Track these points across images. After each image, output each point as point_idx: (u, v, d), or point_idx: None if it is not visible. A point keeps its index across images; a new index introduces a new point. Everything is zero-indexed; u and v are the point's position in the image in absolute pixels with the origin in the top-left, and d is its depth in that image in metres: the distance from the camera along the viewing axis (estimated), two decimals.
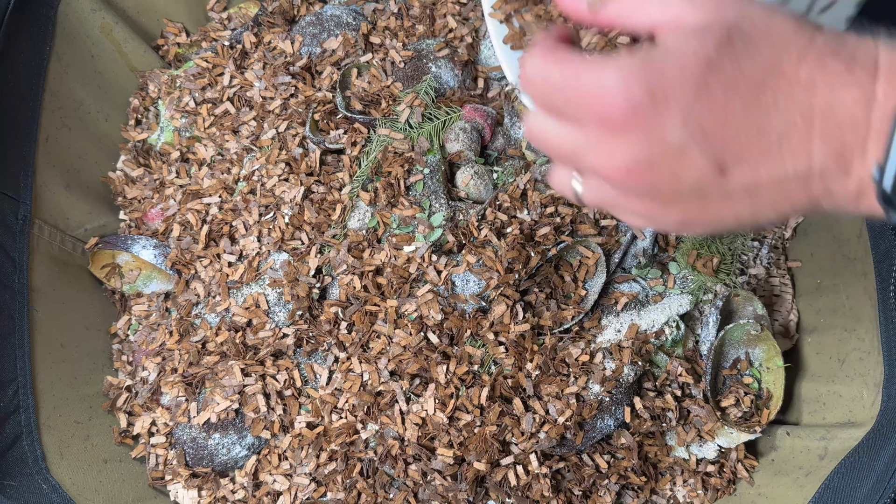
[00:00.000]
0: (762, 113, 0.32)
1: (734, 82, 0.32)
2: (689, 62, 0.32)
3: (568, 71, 0.34)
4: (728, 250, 0.76)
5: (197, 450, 0.73)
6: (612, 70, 0.33)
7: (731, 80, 0.32)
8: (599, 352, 0.72)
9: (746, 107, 0.32)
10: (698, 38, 0.32)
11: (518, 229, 0.73)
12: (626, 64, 0.33)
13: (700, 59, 0.32)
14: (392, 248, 0.72)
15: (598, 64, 0.33)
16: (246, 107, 0.81)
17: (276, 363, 0.73)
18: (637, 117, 0.32)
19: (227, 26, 0.91)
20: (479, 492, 0.70)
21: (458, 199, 0.75)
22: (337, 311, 0.72)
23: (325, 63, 0.81)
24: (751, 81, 0.32)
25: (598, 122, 0.34)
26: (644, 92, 0.32)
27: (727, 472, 0.75)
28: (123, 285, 0.81)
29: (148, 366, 0.77)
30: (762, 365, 0.75)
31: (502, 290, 0.71)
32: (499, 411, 0.69)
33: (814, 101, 0.32)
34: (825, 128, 0.32)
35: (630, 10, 0.35)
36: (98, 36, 0.84)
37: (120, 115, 0.88)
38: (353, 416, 0.71)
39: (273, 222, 0.75)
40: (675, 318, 0.74)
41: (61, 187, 0.79)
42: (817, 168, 0.33)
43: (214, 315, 0.75)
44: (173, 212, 0.80)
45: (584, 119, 0.34)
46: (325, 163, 0.78)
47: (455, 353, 0.70)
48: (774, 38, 0.32)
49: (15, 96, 0.74)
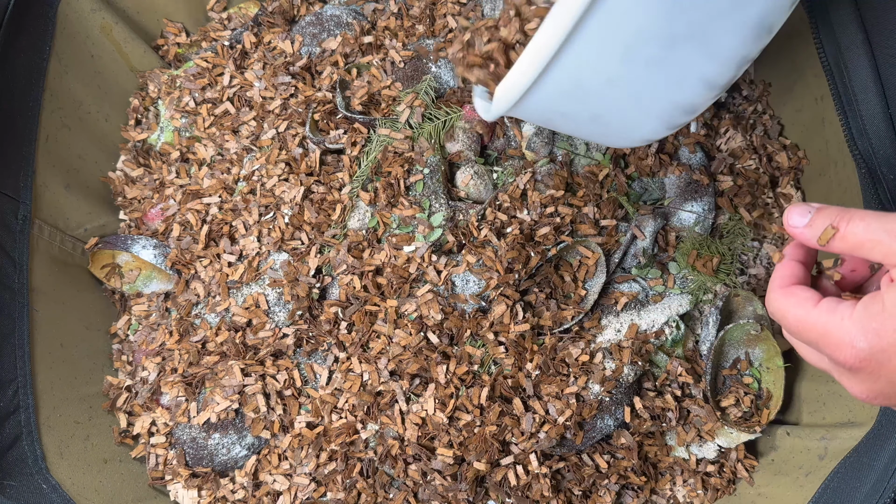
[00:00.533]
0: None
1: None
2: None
3: (802, 313, 0.42)
4: (728, 250, 0.76)
5: (197, 450, 0.73)
6: (838, 328, 0.40)
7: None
8: (599, 352, 0.72)
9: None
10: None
11: (518, 229, 0.73)
12: (850, 322, 0.40)
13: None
14: (392, 248, 0.72)
15: (826, 315, 0.41)
16: (246, 107, 0.81)
17: (276, 363, 0.73)
18: (864, 365, 0.39)
19: (227, 26, 0.91)
20: (479, 492, 0.70)
21: (458, 199, 0.75)
22: (337, 311, 0.72)
23: (325, 63, 0.81)
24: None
25: (834, 361, 0.41)
26: (868, 348, 0.39)
27: (727, 472, 0.75)
28: (123, 285, 0.81)
29: (148, 366, 0.77)
30: (762, 365, 0.75)
31: (502, 290, 0.71)
32: (499, 411, 0.69)
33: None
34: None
35: (853, 250, 0.42)
36: (98, 36, 0.84)
37: (120, 115, 0.88)
38: (353, 416, 0.71)
39: (273, 222, 0.75)
40: (675, 318, 0.74)
41: (61, 187, 0.79)
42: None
43: (214, 315, 0.75)
44: (173, 212, 0.80)
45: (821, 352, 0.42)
46: (324, 163, 0.78)
47: (455, 353, 0.70)
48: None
49: (15, 96, 0.74)
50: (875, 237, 0.40)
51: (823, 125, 0.75)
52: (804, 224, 0.44)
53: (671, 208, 0.77)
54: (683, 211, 0.76)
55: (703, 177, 0.76)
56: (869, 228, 0.41)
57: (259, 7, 0.91)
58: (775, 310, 0.44)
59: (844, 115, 0.67)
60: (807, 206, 0.45)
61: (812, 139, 0.79)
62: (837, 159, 0.73)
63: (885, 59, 0.65)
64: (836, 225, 0.42)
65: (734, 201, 0.78)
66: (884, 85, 0.64)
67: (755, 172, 0.80)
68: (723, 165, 0.79)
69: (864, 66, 0.65)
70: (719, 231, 0.78)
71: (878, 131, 0.64)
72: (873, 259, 0.41)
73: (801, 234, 0.44)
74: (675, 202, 0.77)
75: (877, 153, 0.64)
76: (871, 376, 0.40)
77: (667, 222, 0.77)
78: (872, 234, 0.41)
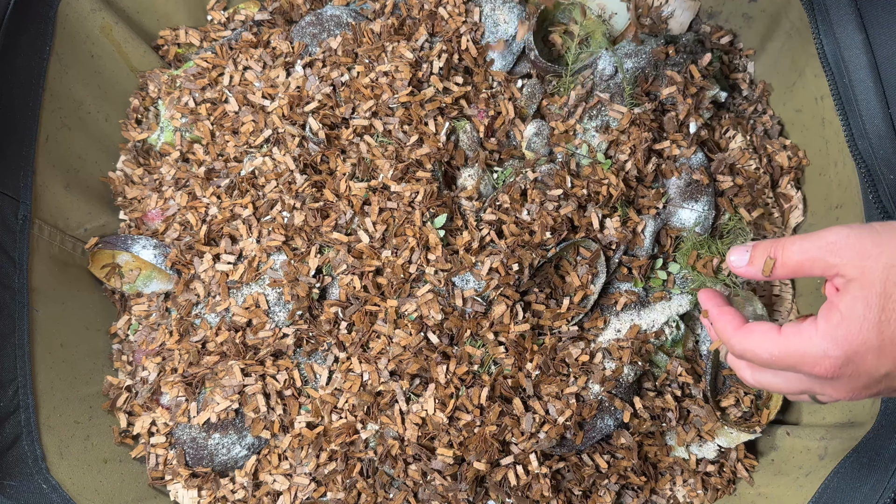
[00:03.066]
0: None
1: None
2: (864, 325, 0.41)
3: (772, 348, 0.45)
4: (728, 250, 0.76)
5: (197, 450, 0.73)
6: (810, 346, 0.43)
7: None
8: (599, 352, 0.72)
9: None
10: (863, 302, 0.42)
11: (518, 229, 0.73)
12: (818, 337, 0.43)
13: (871, 320, 0.41)
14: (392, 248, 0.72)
15: (795, 339, 0.44)
16: (246, 107, 0.81)
17: (276, 363, 0.73)
18: (843, 371, 0.43)
19: (227, 26, 0.91)
20: (479, 492, 0.70)
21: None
22: (337, 311, 0.72)
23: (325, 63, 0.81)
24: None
25: (813, 376, 0.44)
26: (842, 355, 0.42)
27: (727, 472, 0.75)
28: (123, 285, 0.81)
29: (148, 366, 0.77)
30: None
31: (502, 290, 0.71)
32: (499, 411, 0.69)
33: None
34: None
35: (796, 272, 0.45)
36: (98, 36, 0.84)
37: (120, 115, 0.88)
38: (353, 416, 0.71)
39: (273, 222, 0.75)
40: (675, 318, 0.74)
41: (61, 187, 0.79)
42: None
43: (214, 315, 0.75)
44: (173, 212, 0.80)
45: (799, 373, 0.45)
46: (325, 163, 0.78)
47: (455, 353, 0.70)
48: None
49: (15, 96, 0.74)
50: (811, 256, 0.44)
51: (823, 125, 0.75)
52: (745, 263, 0.49)
53: (671, 208, 0.77)
54: (683, 209, 0.76)
55: (703, 177, 0.76)
56: (803, 250, 0.45)
57: (259, 7, 0.91)
58: (743, 351, 0.47)
59: (844, 115, 0.67)
60: (743, 246, 0.49)
61: (812, 139, 0.79)
62: (837, 159, 0.73)
63: (885, 59, 0.65)
64: (774, 255, 0.46)
65: (734, 201, 0.78)
66: (884, 85, 0.65)
67: (755, 172, 0.80)
68: (723, 165, 0.79)
69: (864, 66, 0.66)
70: (719, 231, 0.78)
71: (878, 131, 0.64)
72: (815, 275, 0.44)
73: (745, 271, 0.49)
74: (675, 202, 0.77)
75: (877, 153, 0.64)
76: (853, 378, 0.43)
77: (667, 222, 0.77)
78: (808, 254, 0.45)
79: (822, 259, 0.44)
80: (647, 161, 0.76)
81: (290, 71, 0.82)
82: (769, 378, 0.49)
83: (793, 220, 0.81)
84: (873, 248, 0.42)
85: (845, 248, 0.43)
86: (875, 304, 0.41)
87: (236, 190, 0.78)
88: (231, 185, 0.78)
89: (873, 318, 0.41)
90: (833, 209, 0.74)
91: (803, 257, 0.45)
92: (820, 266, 0.44)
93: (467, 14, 0.82)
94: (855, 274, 0.42)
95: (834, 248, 0.43)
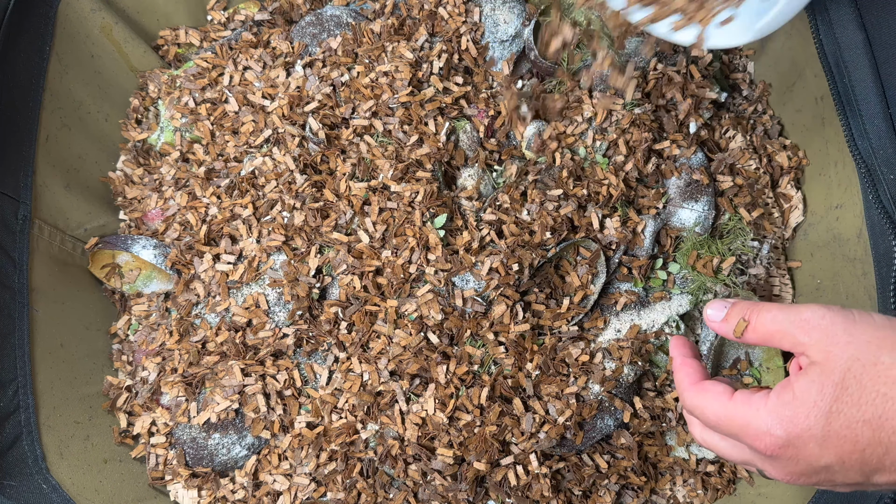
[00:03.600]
0: (886, 438, 0.39)
1: (854, 420, 0.39)
2: (813, 411, 0.40)
3: (720, 408, 0.44)
4: (728, 250, 0.76)
5: (197, 450, 0.73)
6: (755, 419, 0.42)
7: (852, 418, 0.39)
8: (599, 352, 0.72)
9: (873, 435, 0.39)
10: (818, 388, 0.40)
11: (518, 229, 0.73)
12: (765, 411, 0.42)
13: (821, 408, 0.40)
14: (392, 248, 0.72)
15: (742, 407, 0.43)
16: (246, 107, 0.81)
17: (276, 363, 0.73)
18: (783, 452, 0.42)
19: (227, 26, 0.91)
20: (479, 492, 0.70)
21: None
22: (337, 311, 0.72)
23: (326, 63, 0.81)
24: (868, 418, 0.39)
25: (754, 450, 0.43)
26: (784, 435, 0.41)
27: (727, 472, 0.75)
28: (123, 285, 0.81)
29: (148, 366, 0.77)
30: (762, 365, 0.75)
31: (502, 291, 0.71)
32: (499, 411, 0.69)
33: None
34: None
35: (765, 340, 0.45)
36: (98, 36, 0.84)
37: (120, 115, 0.88)
38: (353, 416, 0.71)
39: (273, 222, 0.75)
40: (675, 318, 0.74)
41: (61, 187, 0.79)
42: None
43: (214, 315, 0.75)
44: (173, 212, 0.80)
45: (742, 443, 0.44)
46: (325, 163, 0.78)
47: (455, 353, 0.70)
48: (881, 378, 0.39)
49: (15, 96, 0.74)
50: (782, 328, 0.43)
51: (823, 125, 0.75)
52: (721, 318, 0.48)
53: (671, 208, 0.77)
54: (683, 209, 0.76)
55: (703, 177, 0.76)
56: (776, 320, 0.44)
57: (259, 7, 0.91)
58: (692, 407, 0.46)
59: (844, 115, 0.67)
60: (723, 302, 0.49)
61: (812, 139, 0.79)
62: (837, 159, 0.73)
63: (885, 59, 0.65)
64: (748, 318, 0.45)
65: (734, 201, 0.78)
66: (884, 85, 0.64)
67: (755, 172, 0.80)
68: (723, 165, 0.79)
69: (864, 66, 0.65)
70: (719, 231, 0.78)
71: (878, 131, 0.64)
72: (784, 348, 0.44)
73: (718, 327, 0.48)
74: (675, 202, 0.77)
75: (877, 153, 0.64)
76: (791, 461, 0.42)
77: (667, 222, 0.77)
78: (779, 326, 0.43)
79: (792, 335, 0.43)
80: (647, 161, 0.76)
81: (290, 71, 0.82)
82: (716, 440, 0.48)
83: (793, 220, 0.81)
84: (843, 336, 0.41)
85: (816, 329, 0.42)
86: (829, 394, 0.40)
87: (236, 190, 0.78)
88: (231, 185, 0.78)
89: (824, 407, 0.40)
90: (833, 209, 0.74)
91: (774, 328, 0.44)
92: (789, 341, 0.43)
93: (467, 14, 0.83)
94: (819, 358, 0.41)
95: (806, 327, 0.42)
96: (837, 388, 0.40)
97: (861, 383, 0.39)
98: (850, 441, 0.40)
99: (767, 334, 0.44)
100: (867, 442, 0.39)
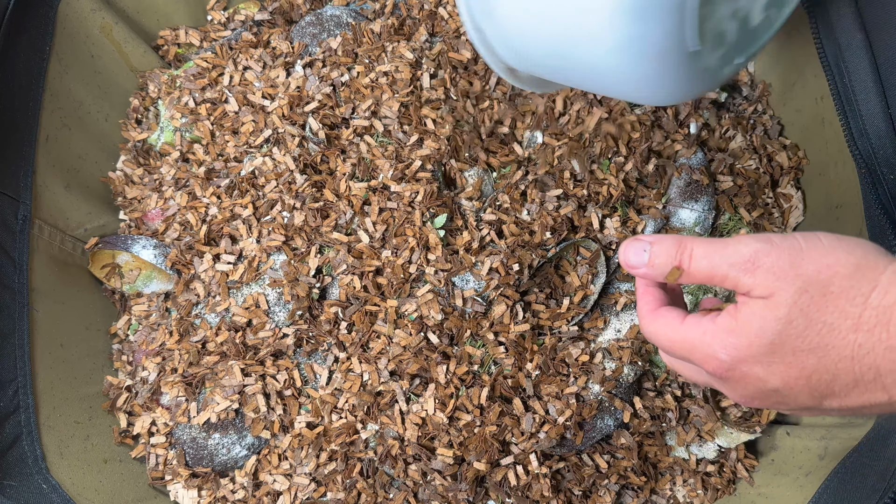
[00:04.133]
0: (833, 367, 0.38)
1: (800, 350, 0.39)
2: (755, 342, 0.39)
3: (671, 335, 0.43)
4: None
5: (197, 450, 0.73)
6: (701, 342, 0.41)
7: (797, 349, 0.39)
8: (599, 352, 0.72)
9: (817, 365, 0.38)
10: (760, 321, 0.39)
11: (518, 229, 0.73)
12: (711, 336, 0.41)
13: (763, 340, 0.39)
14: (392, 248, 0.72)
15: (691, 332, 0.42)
16: (246, 107, 0.81)
17: (276, 363, 0.73)
18: (731, 375, 0.41)
19: (227, 26, 0.91)
20: (479, 492, 0.70)
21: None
22: (337, 311, 0.72)
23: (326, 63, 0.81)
24: (814, 348, 0.38)
25: (706, 372, 0.43)
26: (730, 360, 0.40)
27: (727, 472, 0.75)
28: (123, 285, 0.81)
29: (148, 366, 0.77)
30: None
31: (502, 291, 0.71)
32: (499, 411, 0.69)
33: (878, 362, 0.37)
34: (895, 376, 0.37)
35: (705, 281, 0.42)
36: (98, 36, 0.84)
37: (120, 115, 0.88)
38: (353, 416, 0.71)
39: (273, 222, 0.75)
40: None
41: (61, 187, 0.79)
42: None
43: (214, 315, 0.75)
44: (173, 212, 0.80)
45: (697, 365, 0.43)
46: (325, 163, 0.78)
47: (455, 353, 0.70)
48: (829, 310, 0.38)
49: (15, 96, 0.74)
50: (721, 272, 0.41)
51: (823, 125, 0.75)
52: (644, 263, 0.44)
53: (671, 208, 0.77)
54: (683, 209, 0.76)
55: (703, 177, 0.76)
56: (712, 264, 0.41)
57: (259, 7, 0.91)
58: (648, 334, 0.46)
59: (844, 115, 0.67)
60: (640, 242, 0.44)
61: (812, 139, 0.79)
62: (837, 159, 0.73)
63: (885, 59, 0.65)
64: (680, 265, 0.43)
65: (734, 201, 0.78)
66: (884, 85, 0.64)
67: (755, 172, 0.80)
68: (723, 165, 0.79)
69: (864, 66, 0.65)
70: (719, 231, 0.78)
71: (878, 131, 0.64)
72: (725, 287, 0.42)
73: (644, 273, 0.44)
74: (675, 202, 0.77)
75: (877, 153, 0.64)
76: (740, 384, 0.42)
77: (667, 222, 0.77)
78: (717, 270, 0.41)
79: (734, 277, 0.40)
80: (647, 161, 0.76)
81: (290, 71, 0.82)
82: (678, 364, 0.47)
83: (793, 220, 0.81)
84: (790, 270, 0.39)
85: (761, 269, 0.39)
86: (772, 328, 0.39)
87: (236, 190, 0.78)
88: (231, 185, 0.78)
89: (766, 339, 0.39)
90: (833, 209, 0.74)
91: (713, 272, 0.41)
92: (731, 283, 0.41)
93: None
94: (764, 293, 0.39)
95: (749, 267, 0.39)
96: (782, 323, 0.38)
97: (807, 316, 0.38)
98: (795, 368, 0.39)
99: (704, 279, 0.42)
100: (813, 369, 0.39)
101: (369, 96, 0.77)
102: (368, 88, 0.78)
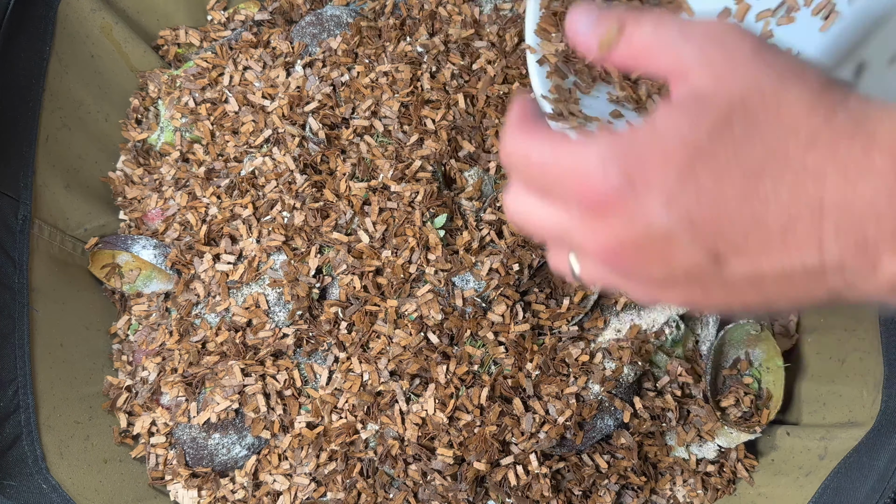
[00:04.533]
0: (760, 203, 0.29)
1: (727, 170, 0.29)
2: (673, 148, 0.29)
3: (547, 149, 0.32)
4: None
5: (197, 450, 0.73)
6: (591, 152, 0.31)
7: (724, 168, 0.29)
8: (599, 352, 0.72)
9: (742, 196, 0.29)
10: (691, 118, 0.29)
11: (518, 229, 0.73)
12: (606, 145, 0.30)
13: (687, 145, 0.29)
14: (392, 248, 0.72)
15: (577, 143, 0.31)
16: (246, 107, 0.81)
17: (276, 363, 0.73)
18: (617, 200, 0.30)
19: (227, 26, 0.91)
20: (479, 492, 0.70)
21: None
22: (337, 311, 0.72)
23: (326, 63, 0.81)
24: (747, 170, 0.29)
25: (579, 203, 0.31)
26: (622, 176, 0.30)
27: (727, 472, 0.75)
28: (123, 285, 0.81)
29: (148, 366, 0.77)
30: (762, 365, 0.75)
31: (502, 291, 0.71)
32: (499, 411, 0.69)
33: (824, 192, 0.28)
34: (839, 221, 0.28)
35: (641, 55, 0.33)
36: (98, 36, 0.84)
37: (120, 115, 0.88)
38: (353, 416, 0.71)
39: (273, 222, 0.75)
40: (675, 318, 0.74)
41: (61, 187, 0.79)
42: (832, 263, 0.29)
43: (214, 315, 0.75)
44: (173, 212, 0.80)
45: (566, 198, 0.32)
46: (325, 163, 0.78)
47: (455, 353, 0.70)
48: (782, 119, 0.29)
49: (15, 96, 0.74)
50: (664, 41, 0.31)
51: None
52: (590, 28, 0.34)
53: None
54: None
55: None
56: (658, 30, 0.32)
57: (259, 7, 0.91)
58: (513, 151, 0.34)
59: None
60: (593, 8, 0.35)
61: None
62: None
63: None
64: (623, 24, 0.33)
65: None
66: None
67: None
68: None
69: None
70: None
71: None
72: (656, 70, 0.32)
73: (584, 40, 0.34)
74: None
75: None
76: (619, 221, 0.30)
77: None
78: (663, 38, 0.32)
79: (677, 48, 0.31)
80: None
81: (290, 71, 0.82)
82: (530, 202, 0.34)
83: None
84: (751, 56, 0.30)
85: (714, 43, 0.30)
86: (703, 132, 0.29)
87: (236, 190, 0.78)
88: (231, 185, 0.78)
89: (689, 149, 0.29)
90: None
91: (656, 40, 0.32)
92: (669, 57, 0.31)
93: None
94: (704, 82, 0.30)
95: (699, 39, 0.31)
96: (718, 125, 0.29)
97: (754, 123, 0.29)
98: (710, 195, 0.29)
99: (643, 48, 0.32)
100: (734, 207, 0.29)
101: (369, 96, 0.77)
102: (368, 88, 0.78)
